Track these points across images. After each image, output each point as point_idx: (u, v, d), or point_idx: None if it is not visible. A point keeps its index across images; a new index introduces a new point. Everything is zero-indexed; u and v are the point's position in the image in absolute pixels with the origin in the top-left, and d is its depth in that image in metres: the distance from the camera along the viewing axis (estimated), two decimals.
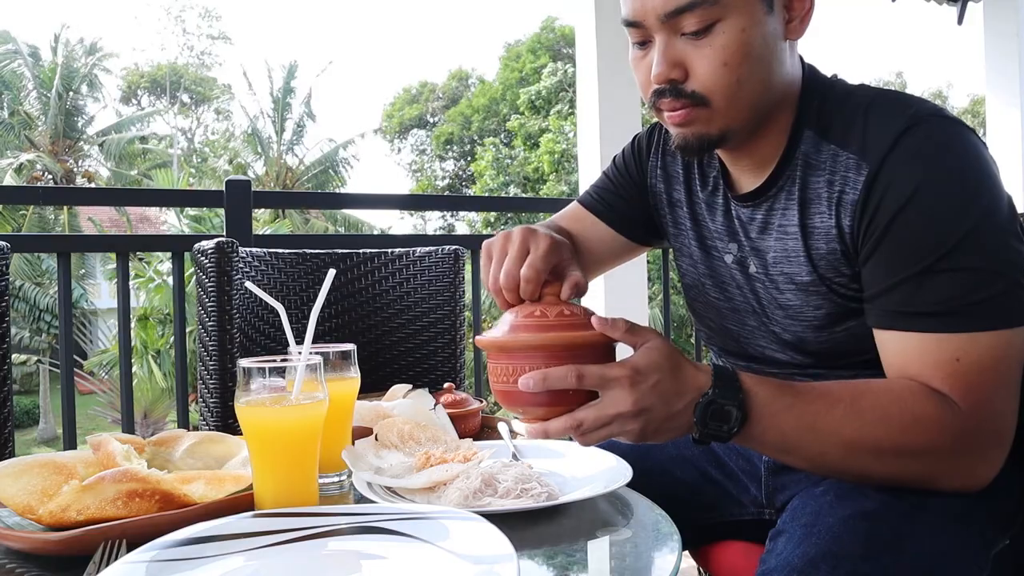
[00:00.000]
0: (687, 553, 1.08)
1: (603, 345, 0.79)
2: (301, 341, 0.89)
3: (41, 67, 20.48)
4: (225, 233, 2.03)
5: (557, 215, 1.21)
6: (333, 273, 0.94)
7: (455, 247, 1.79)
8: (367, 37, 59.75)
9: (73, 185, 18.47)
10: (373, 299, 1.79)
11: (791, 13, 0.88)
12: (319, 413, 0.82)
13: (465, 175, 26.73)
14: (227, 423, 1.50)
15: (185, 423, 2.10)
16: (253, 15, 54.82)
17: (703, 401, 0.76)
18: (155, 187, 16.48)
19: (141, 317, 14.16)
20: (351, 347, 0.98)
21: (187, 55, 30.47)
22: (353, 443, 0.99)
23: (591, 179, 1.23)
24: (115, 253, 2.07)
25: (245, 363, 0.80)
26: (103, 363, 15.04)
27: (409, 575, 0.66)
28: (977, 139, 0.82)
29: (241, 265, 1.61)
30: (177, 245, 2.13)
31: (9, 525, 0.78)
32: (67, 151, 20.29)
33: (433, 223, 25.54)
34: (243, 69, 23.26)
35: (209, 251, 1.52)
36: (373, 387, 1.44)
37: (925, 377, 0.79)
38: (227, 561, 0.68)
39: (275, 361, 0.81)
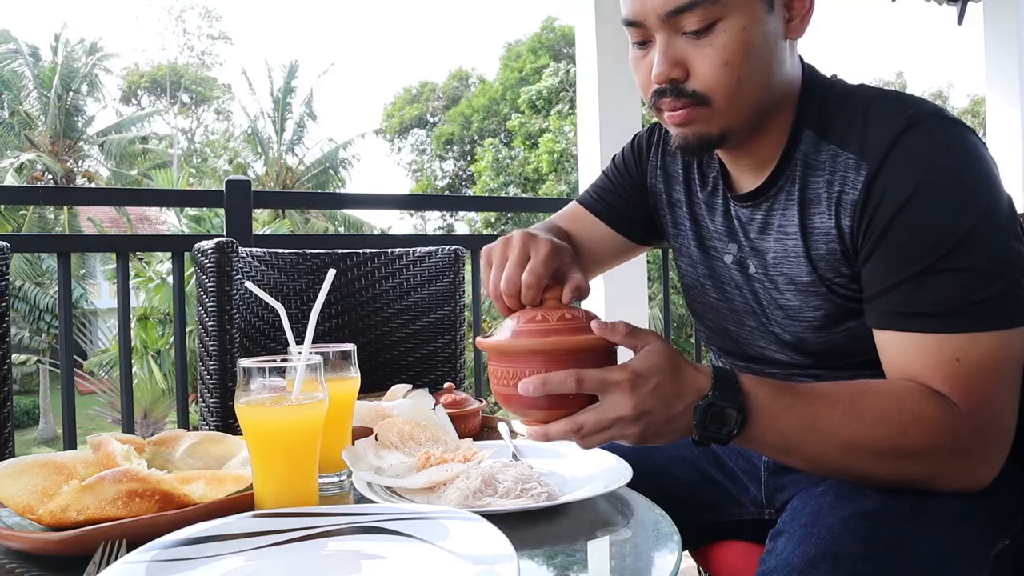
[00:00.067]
0: (687, 553, 1.08)
1: (603, 349, 0.79)
2: (301, 341, 0.89)
3: (41, 67, 20.47)
4: (225, 233, 2.03)
5: (556, 215, 1.21)
6: (333, 273, 0.94)
7: (455, 247, 1.79)
8: (367, 37, 59.82)
9: (73, 185, 18.47)
10: (373, 299, 1.79)
11: (791, 12, 0.87)
12: (319, 413, 0.82)
13: (465, 175, 26.73)
14: (227, 423, 1.50)
15: (185, 423, 2.10)
16: (253, 15, 54.88)
17: (702, 404, 0.76)
18: (155, 187, 16.48)
19: (141, 317, 14.16)
20: (351, 347, 0.98)
21: (187, 55, 30.50)
22: (353, 443, 0.99)
23: (591, 179, 1.22)
24: (115, 253, 2.07)
25: (245, 363, 0.80)
26: (103, 363, 15.04)
27: (409, 575, 0.66)
28: (977, 139, 0.82)
29: (241, 265, 1.61)
30: (177, 245, 2.13)
31: (9, 525, 0.78)
32: (67, 151, 20.29)
33: (433, 223, 25.54)
34: (243, 69, 23.29)
35: (209, 251, 1.53)
36: (373, 387, 1.44)
37: (925, 378, 0.79)
38: (227, 561, 0.68)
39: (275, 361, 0.82)
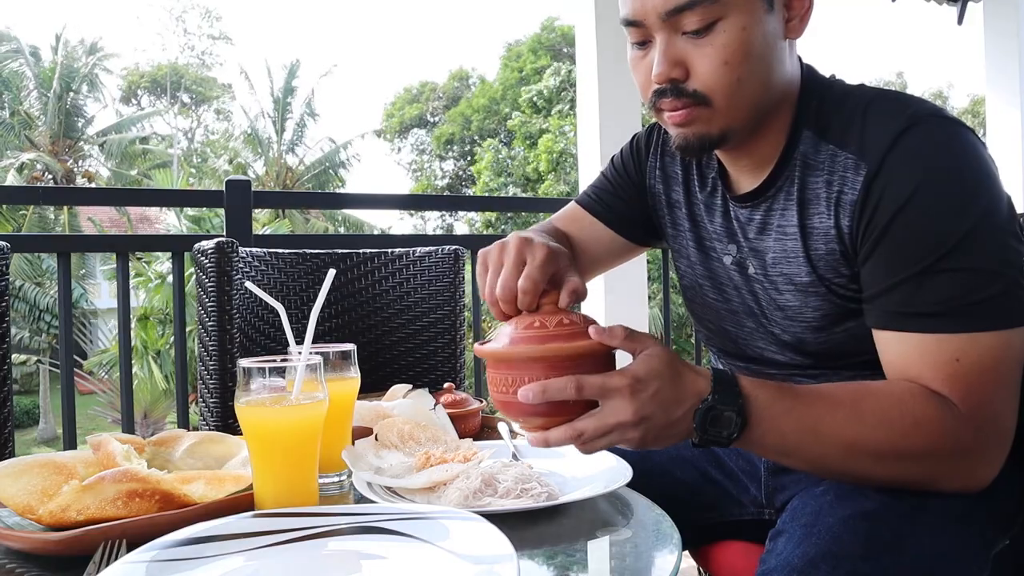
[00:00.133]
0: (687, 553, 1.08)
1: (602, 353, 0.79)
2: (301, 341, 0.89)
3: (42, 67, 20.48)
4: (225, 233, 2.03)
5: (555, 216, 1.21)
6: (333, 273, 0.94)
7: (455, 247, 1.79)
8: (368, 37, 59.81)
9: (73, 185, 18.47)
10: (373, 299, 1.79)
11: (790, 12, 0.87)
12: (319, 413, 0.82)
13: (465, 175, 26.73)
14: (227, 423, 1.51)
15: (185, 423, 2.10)
16: (253, 15, 54.87)
17: (702, 408, 0.76)
18: (155, 187, 16.48)
19: (141, 317, 14.17)
20: (351, 347, 0.98)
21: (188, 55, 30.50)
22: (353, 443, 0.99)
23: (591, 179, 1.22)
24: (115, 253, 2.07)
25: (245, 363, 0.80)
26: (103, 363, 15.04)
27: (409, 575, 0.66)
28: (976, 139, 0.82)
29: (241, 265, 1.61)
30: (177, 245, 2.13)
31: (9, 525, 0.78)
32: (67, 151, 20.30)
33: (432, 223, 25.53)
34: (244, 69, 23.25)
35: (209, 251, 1.53)
36: (373, 387, 1.44)
37: (925, 378, 0.79)
38: (227, 561, 0.68)
39: (275, 361, 0.82)
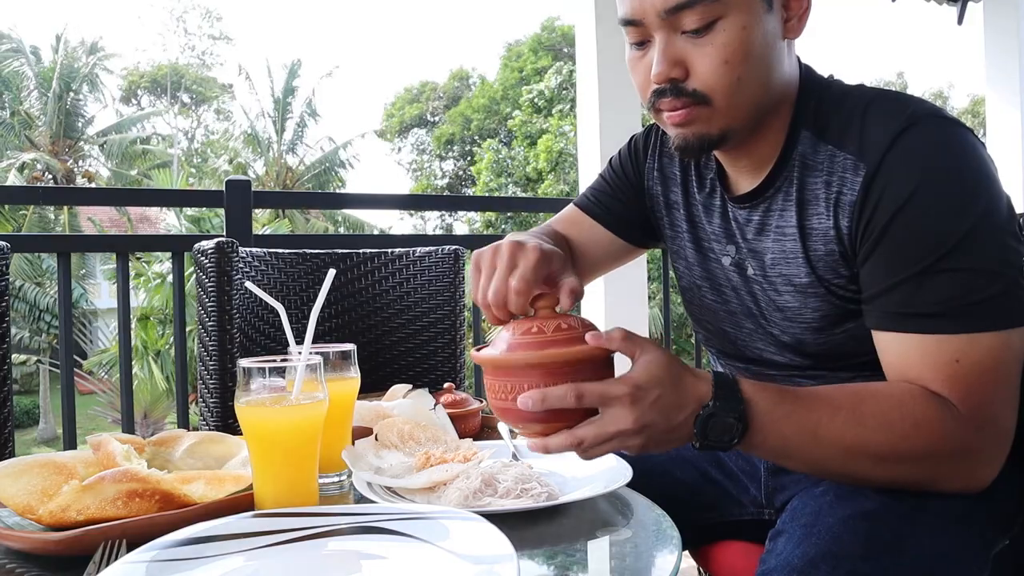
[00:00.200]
0: (687, 553, 1.08)
1: (602, 358, 0.78)
2: (301, 341, 0.89)
3: (42, 67, 20.48)
4: (225, 233, 2.03)
5: (553, 219, 1.21)
6: (333, 273, 0.94)
7: (455, 247, 1.79)
8: (368, 37, 59.80)
9: (73, 185, 18.47)
10: (373, 299, 1.79)
11: (789, 12, 0.87)
12: (319, 413, 0.82)
13: (465, 175, 26.72)
14: (227, 423, 1.51)
15: (185, 423, 2.10)
16: (254, 15, 54.87)
17: (703, 414, 0.75)
18: (155, 187, 16.49)
19: (141, 317, 14.17)
20: (351, 347, 0.98)
21: (188, 55, 30.50)
22: (353, 443, 0.99)
23: (591, 179, 1.22)
24: (115, 253, 2.07)
25: (245, 363, 0.80)
26: (103, 363, 15.05)
27: (409, 575, 0.66)
28: (975, 139, 0.82)
29: (241, 265, 1.61)
30: (177, 245, 2.13)
31: (9, 525, 0.78)
32: (67, 151, 20.30)
33: (432, 222, 25.52)
34: (244, 70, 23.19)
35: (209, 251, 1.53)
36: (373, 387, 1.44)
37: (925, 379, 0.78)
38: (227, 561, 0.68)
39: (275, 361, 0.82)
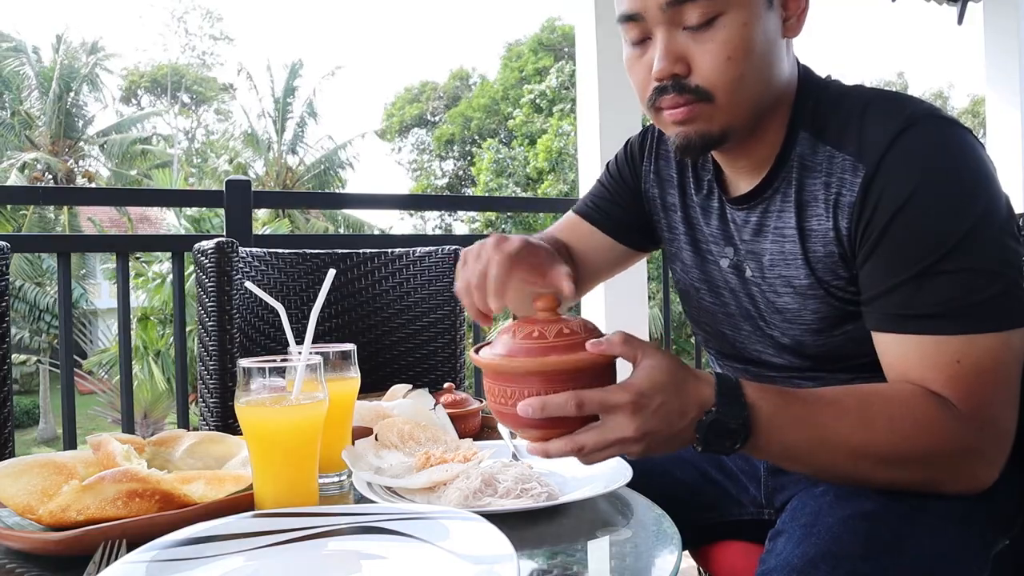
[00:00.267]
0: (687, 553, 1.08)
1: (603, 365, 0.76)
2: (301, 341, 0.89)
3: (42, 67, 20.48)
4: (225, 233, 2.03)
5: (553, 226, 1.20)
6: (333, 273, 0.94)
7: (455, 247, 1.79)
8: (369, 37, 59.79)
9: (73, 185, 18.48)
10: (373, 299, 1.79)
11: (787, 11, 0.87)
12: (319, 413, 0.82)
13: (465, 175, 26.72)
14: (227, 423, 1.51)
15: (185, 423, 2.10)
16: (254, 15, 54.86)
17: (706, 420, 0.74)
18: (155, 187, 16.49)
19: (141, 317, 14.17)
20: (351, 347, 0.98)
21: (189, 55, 30.50)
22: (353, 443, 0.99)
23: (591, 179, 1.22)
24: (115, 253, 2.07)
25: (245, 363, 0.80)
26: (103, 363, 15.05)
27: (409, 575, 0.66)
28: (974, 139, 0.81)
29: (241, 265, 1.61)
30: (177, 245, 2.13)
31: (9, 525, 0.78)
32: (67, 151, 20.30)
33: (432, 222, 25.52)
34: (245, 70, 23.11)
35: (209, 251, 1.53)
36: (373, 387, 1.44)
37: (927, 380, 0.78)
38: (227, 561, 0.68)
39: (275, 361, 0.82)
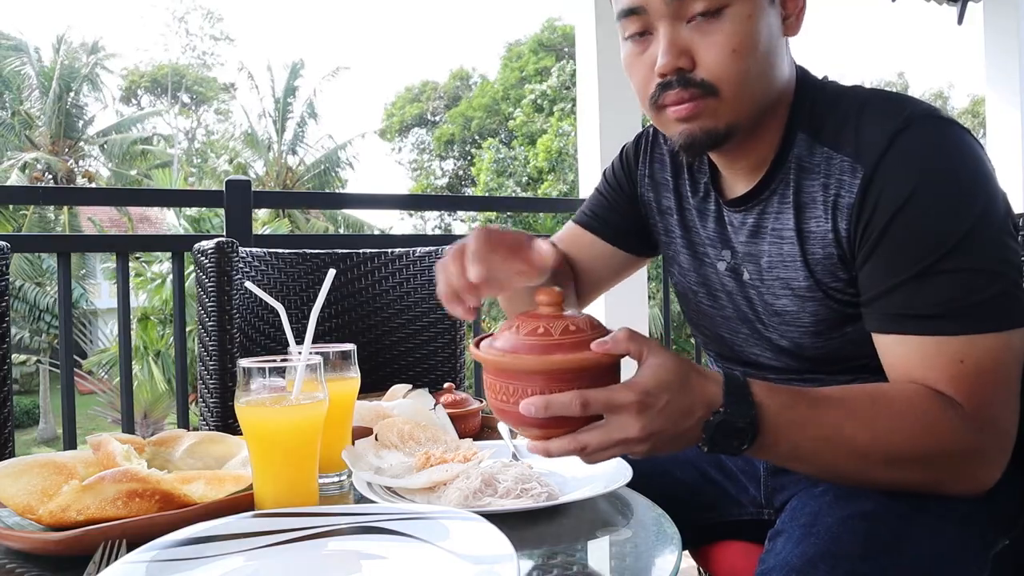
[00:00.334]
0: (687, 553, 1.08)
1: (608, 364, 0.75)
2: (301, 341, 0.89)
3: (43, 67, 20.48)
4: (225, 233, 2.03)
5: (554, 237, 1.20)
6: (333, 273, 0.94)
7: None
8: (369, 37, 59.79)
9: (73, 185, 18.48)
10: (373, 299, 1.79)
11: (787, 10, 0.87)
12: (319, 413, 0.82)
13: (465, 175, 26.72)
14: (227, 423, 1.51)
15: (185, 423, 2.10)
16: (255, 15, 54.86)
17: (713, 420, 0.73)
18: (155, 187, 16.49)
19: (141, 317, 14.18)
20: (351, 347, 0.98)
21: (189, 55, 30.49)
22: (353, 443, 0.99)
23: (591, 179, 1.22)
24: (115, 253, 2.07)
25: (245, 363, 0.80)
26: (103, 363, 15.05)
27: (409, 575, 0.67)
28: (972, 138, 0.81)
29: (241, 265, 1.61)
30: (177, 245, 2.13)
31: (9, 525, 0.78)
32: (67, 151, 20.30)
33: (432, 222, 25.52)
34: (246, 70, 23.13)
35: (209, 251, 1.53)
36: (373, 387, 1.44)
37: (930, 380, 0.78)
38: (227, 561, 0.68)
39: (275, 361, 0.82)
